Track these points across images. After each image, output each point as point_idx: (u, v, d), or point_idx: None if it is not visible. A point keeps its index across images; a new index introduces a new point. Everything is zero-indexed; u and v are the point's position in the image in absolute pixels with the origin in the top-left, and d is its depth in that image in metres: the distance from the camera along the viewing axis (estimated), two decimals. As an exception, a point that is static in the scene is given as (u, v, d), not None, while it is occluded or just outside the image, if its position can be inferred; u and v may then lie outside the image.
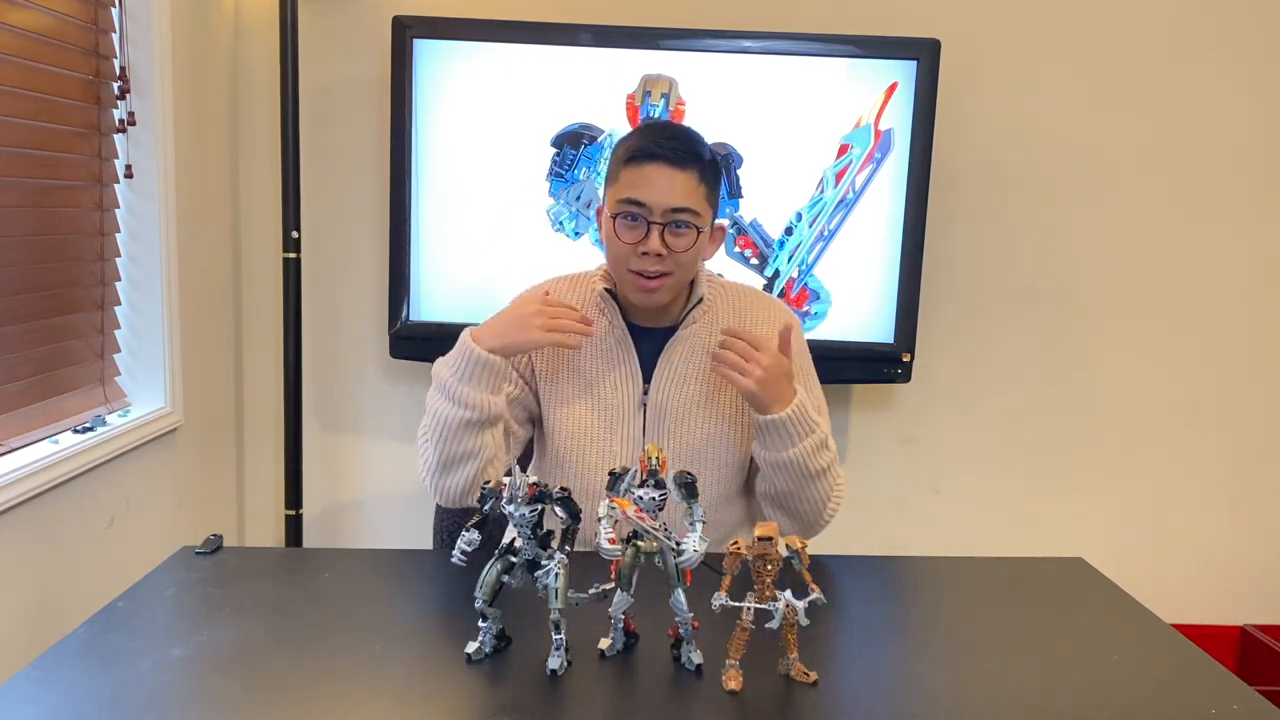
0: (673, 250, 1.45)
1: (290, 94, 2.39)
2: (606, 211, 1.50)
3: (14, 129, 1.75)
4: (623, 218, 1.46)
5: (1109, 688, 1.13)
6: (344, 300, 2.61)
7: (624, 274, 1.49)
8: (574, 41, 2.35)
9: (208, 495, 2.46)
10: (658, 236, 1.44)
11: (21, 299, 1.79)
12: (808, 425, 1.45)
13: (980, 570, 1.53)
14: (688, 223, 1.45)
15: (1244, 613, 2.79)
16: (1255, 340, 2.68)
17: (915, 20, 2.49)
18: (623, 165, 1.47)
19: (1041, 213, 2.62)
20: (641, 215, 1.44)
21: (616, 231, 1.47)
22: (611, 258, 1.52)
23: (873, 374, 2.49)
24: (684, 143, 1.47)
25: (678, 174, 1.44)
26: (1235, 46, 2.56)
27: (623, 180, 1.47)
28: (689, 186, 1.45)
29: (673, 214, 1.44)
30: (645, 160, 1.45)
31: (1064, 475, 2.72)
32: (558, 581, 1.09)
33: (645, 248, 1.44)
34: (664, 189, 1.43)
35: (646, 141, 1.47)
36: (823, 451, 1.47)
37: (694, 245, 1.47)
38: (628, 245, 1.46)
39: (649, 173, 1.44)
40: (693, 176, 1.45)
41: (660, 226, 1.44)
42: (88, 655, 1.13)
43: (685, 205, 1.44)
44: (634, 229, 1.45)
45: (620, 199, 1.46)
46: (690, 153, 1.46)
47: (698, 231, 1.46)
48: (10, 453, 1.73)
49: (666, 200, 1.44)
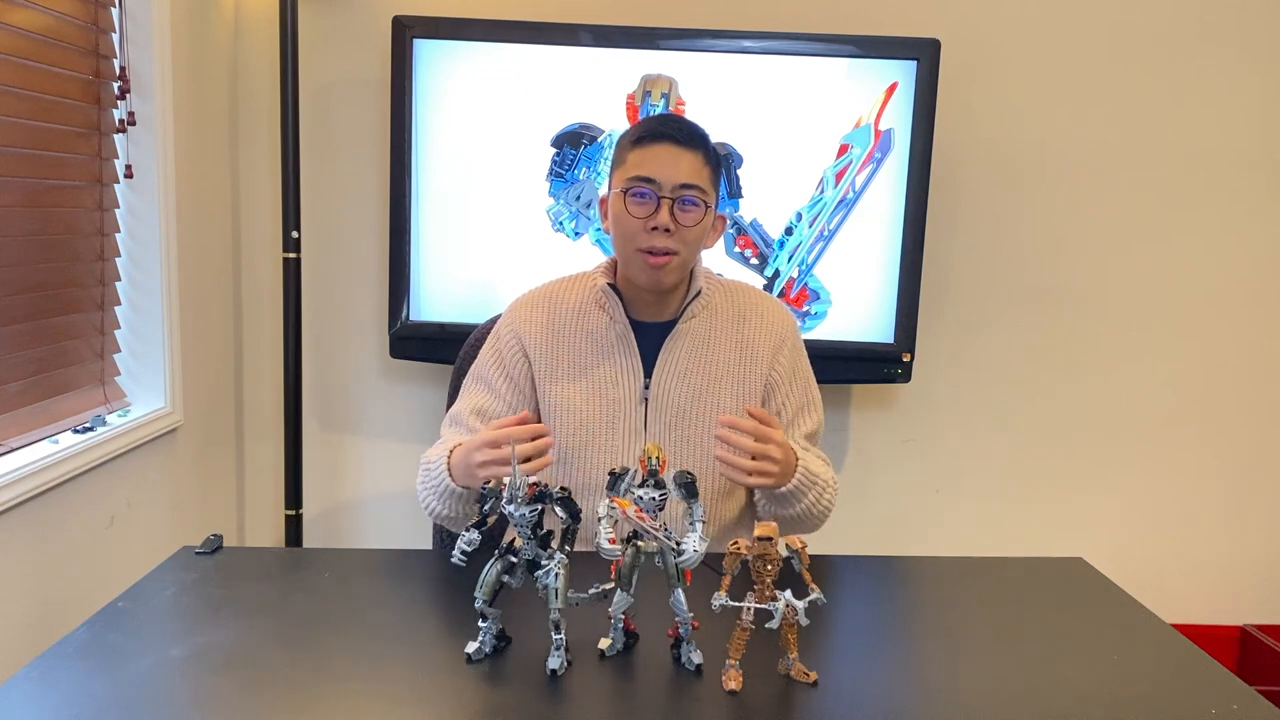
0: (681, 225, 1.48)
1: (290, 94, 2.39)
2: (615, 191, 1.52)
3: (14, 129, 1.75)
4: (633, 194, 1.48)
5: (1109, 688, 1.13)
6: (344, 300, 2.61)
7: (632, 254, 1.51)
8: (574, 41, 2.35)
9: (208, 495, 2.46)
10: (667, 211, 1.47)
11: (21, 299, 1.79)
12: (809, 483, 1.49)
13: (980, 570, 1.53)
14: (696, 199, 1.49)
15: (1244, 613, 2.79)
16: (1256, 340, 2.68)
17: (915, 20, 2.49)
18: (630, 148, 1.51)
19: (1042, 213, 2.62)
20: (651, 191, 1.48)
21: (627, 208, 1.49)
22: (619, 238, 1.53)
23: (873, 374, 2.49)
24: (689, 126, 1.53)
25: (685, 153, 1.49)
26: (1237, 46, 2.56)
27: (630, 161, 1.50)
28: (696, 165, 1.49)
29: (682, 189, 1.48)
30: (654, 141, 1.49)
31: (1064, 475, 2.72)
32: (558, 581, 1.09)
33: (655, 222, 1.47)
34: (672, 166, 1.48)
35: (654, 125, 1.52)
36: (823, 495, 1.52)
37: (701, 222, 1.50)
38: (638, 221, 1.48)
39: (658, 151, 1.48)
40: (699, 157, 1.50)
41: (670, 201, 1.47)
42: (88, 655, 1.13)
43: (693, 182, 1.48)
44: (644, 204, 1.48)
45: (630, 176, 1.49)
46: (696, 135, 1.51)
47: (705, 208, 1.50)
48: (10, 453, 1.73)
49: (675, 176, 1.47)
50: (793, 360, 1.60)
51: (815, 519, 1.54)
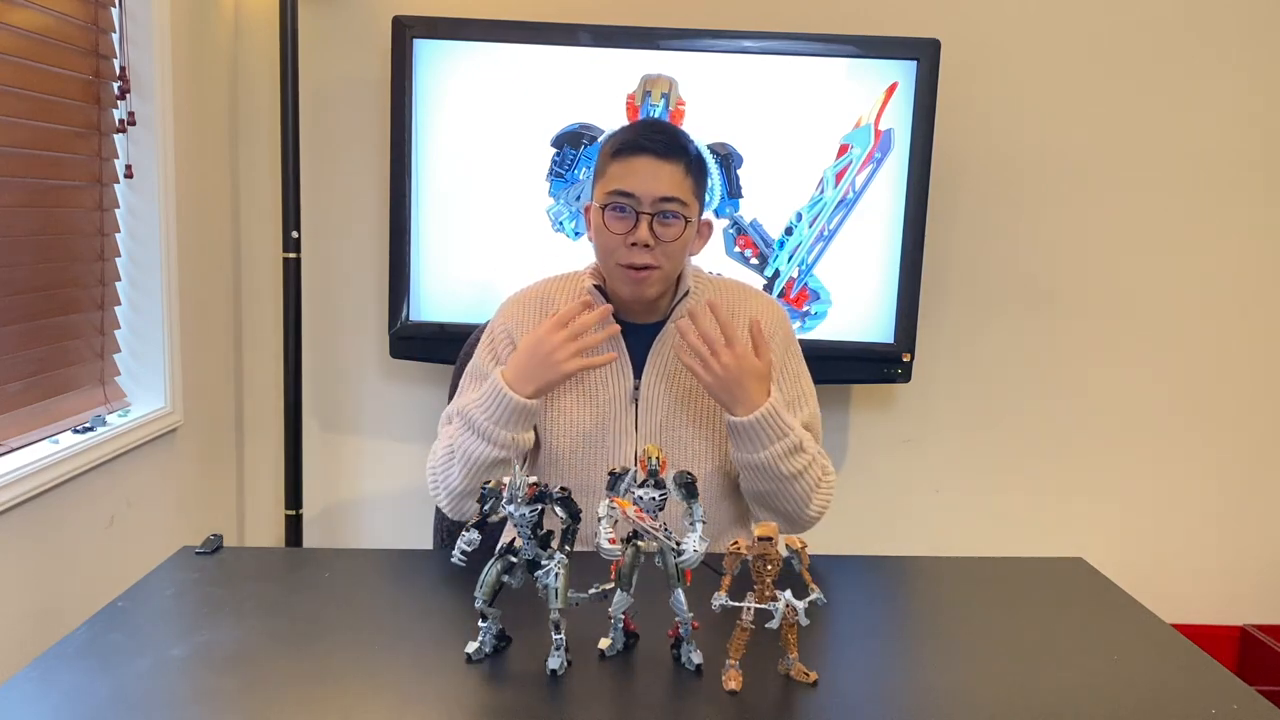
0: (661, 240, 1.46)
1: (290, 94, 2.39)
2: (595, 204, 1.51)
3: (14, 129, 1.75)
4: (611, 209, 1.47)
5: (1109, 688, 1.13)
6: (344, 300, 2.61)
7: (613, 267, 1.50)
8: (574, 41, 2.35)
9: (208, 495, 2.46)
10: (646, 226, 1.45)
11: (21, 299, 1.79)
12: (778, 429, 1.44)
13: (980, 570, 1.53)
14: (676, 213, 1.47)
15: (1244, 613, 2.79)
16: (1256, 340, 2.68)
17: (915, 20, 2.50)
18: (610, 160, 1.49)
19: (1042, 213, 2.62)
20: (630, 206, 1.46)
21: (606, 223, 1.48)
22: (601, 251, 1.53)
23: (873, 374, 2.49)
24: (670, 136, 1.50)
25: (664, 165, 1.46)
26: (1236, 46, 2.56)
27: (610, 174, 1.48)
28: (676, 178, 1.47)
29: (661, 204, 1.46)
30: (632, 153, 1.47)
31: (1064, 475, 2.72)
32: (558, 581, 1.09)
33: (634, 238, 1.46)
34: (651, 180, 1.46)
35: (633, 135, 1.49)
36: (796, 455, 1.47)
37: (682, 235, 1.48)
38: (617, 236, 1.47)
39: (636, 165, 1.46)
40: (679, 169, 1.47)
41: (649, 217, 1.46)
42: (88, 655, 1.13)
43: (673, 195, 1.46)
44: (623, 219, 1.47)
45: (609, 190, 1.48)
46: (676, 145, 1.49)
47: (685, 222, 1.48)
48: (10, 453, 1.73)
49: (654, 190, 1.45)
50: (782, 354, 1.57)
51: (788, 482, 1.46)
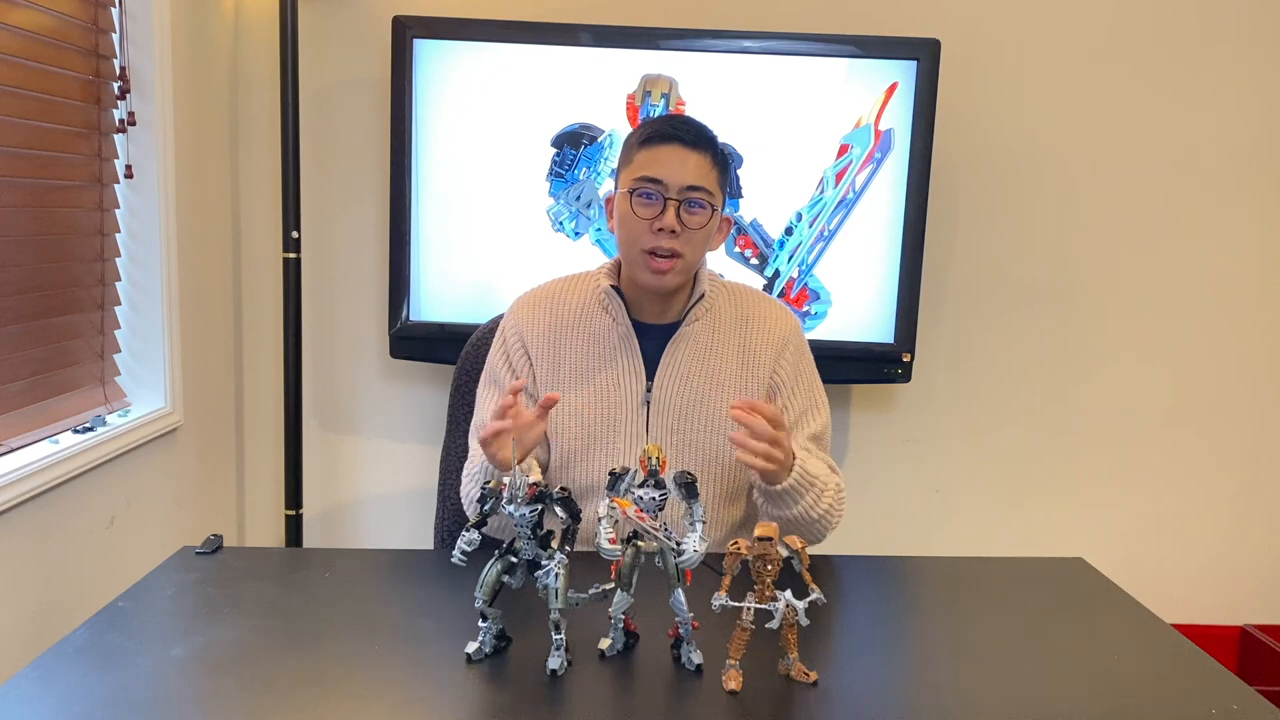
0: (687, 227, 1.48)
1: (290, 94, 2.39)
2: (622, 191, 1.51)
3: (14, 129, 1.75)
4: (639, 195, 1.48)
5: (1109, 688, 1.13)
6: (344, 300, 2.61)
7: (636, 255, 1.51)
8: (574, 41, 2.35)
9: (208, 495, 2.46)
10: (673, 212, 1.47)
11: (21, 299, 1.78)
12: (806, 484, 1.46)
13: (980, 570, 1.53)
14: (702, 201, 1.48)
15: (1244, 613, 2.79)
16: (1256, 340, 2.68)
17: (915, 20, 2.49)
18: (637, 148, 1.51)
19: (1042, 213, 2.62)
20: (658, 192, 1.47)
21: (633, 208, 1.49)
22: (625, 239, 1.53)
23: (873, 374, 2.49)
24: (698, 128, 1.52)
25: (692, 154, 1.48)
26: (1237, 45, 2.56)
27: (638, 161, 1.50)
28: (704, 167, 1.49)
29: (688, 191, 1.47)
30: (661, 141, 1.49)
31: (1064, 475, 2.72)
32: (558, 581, 1.09)
33: (661, 224, 1.47)
34: (679, 167, 1.47)
35: (662, 125, 1.52)
36: (821, 499, 1.48)
37: (707, 224, 1.50)
38: (643, 221, 1.48)
39: (665, 153, 1.48)
40: (706, 158, 1.50)
41: (676, 203, 1.47)
42: (88, 655, 1.13)
43: (700, 184, 1.48)
44: (650, 205, 1.48)
45: (637, 176, 1.49)
46: (704, 137, 1.51)
47: (711, 210, 1.50)
48: (10, 453, 1.73)
49: (682, 178, 1.47)
50: (795, 363, 1.59)
51: (815, 523, 1.49)
